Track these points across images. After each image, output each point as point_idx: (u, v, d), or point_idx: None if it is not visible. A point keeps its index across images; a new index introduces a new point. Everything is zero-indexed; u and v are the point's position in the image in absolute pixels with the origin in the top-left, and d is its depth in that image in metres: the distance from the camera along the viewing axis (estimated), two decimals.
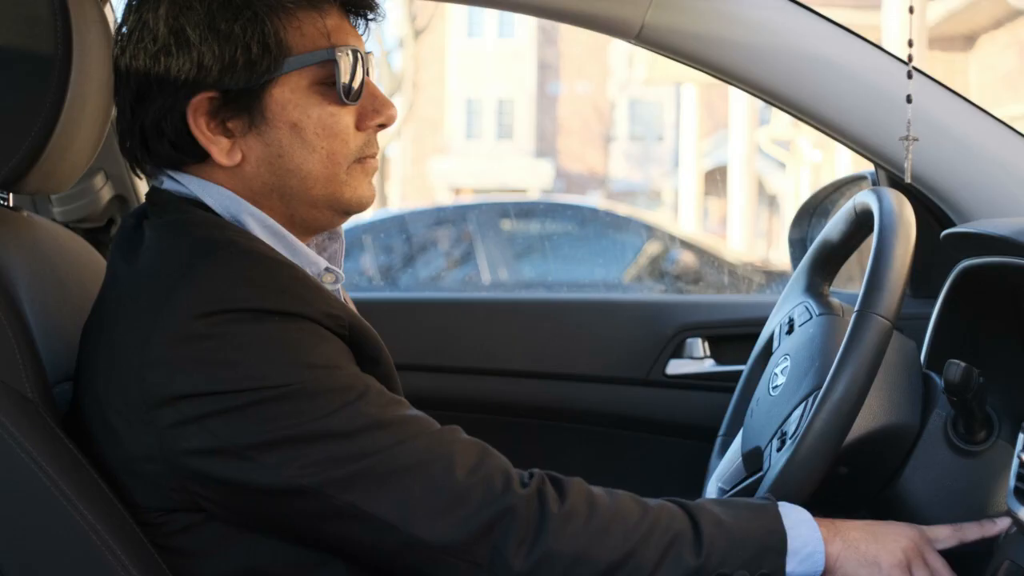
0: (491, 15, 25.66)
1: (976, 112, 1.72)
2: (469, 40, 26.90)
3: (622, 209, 12.63)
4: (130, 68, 1.22)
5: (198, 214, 1.23)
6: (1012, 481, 1.24)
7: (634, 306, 2.24)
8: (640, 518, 1.18)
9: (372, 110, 1.27)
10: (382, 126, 1.29)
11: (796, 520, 1.23)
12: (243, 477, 1.11)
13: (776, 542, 1.20)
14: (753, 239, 13.45)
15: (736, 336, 2.12)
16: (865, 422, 1.38)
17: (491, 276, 6.57)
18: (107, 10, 1.78)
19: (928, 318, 1.62)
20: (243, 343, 1.11)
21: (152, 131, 1.22)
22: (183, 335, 1.11)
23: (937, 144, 1.69)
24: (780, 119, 11.72)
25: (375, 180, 1.33)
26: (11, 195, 1.42)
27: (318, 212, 1.27)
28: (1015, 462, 1.25)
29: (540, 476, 1.20)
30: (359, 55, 1.25)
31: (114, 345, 1.16)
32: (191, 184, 1.24)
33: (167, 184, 1.26)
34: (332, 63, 1.23)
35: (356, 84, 1.24)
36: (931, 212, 1.74)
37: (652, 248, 7.25)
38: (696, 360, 2.12)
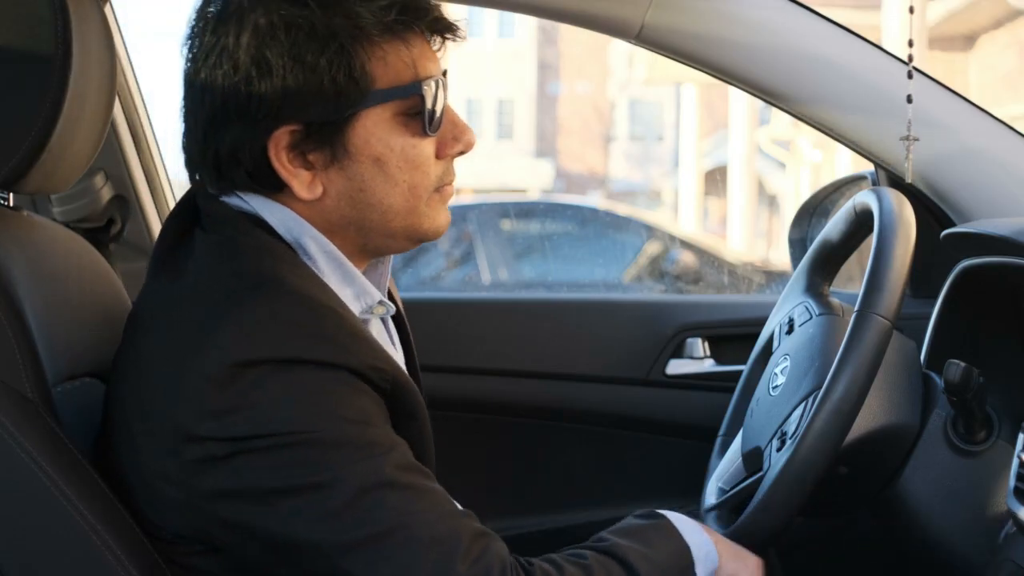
0: (491, 15, 25.65)
1: (976, 112, 1.72)
2: (469, 40, 26.84)
3: (622, 209, 12.65)
4: (206, 89, 1.18)
5: (256, 235, 1.19)
6: (1012, 481, 1.25)
7: (634, 306, 2.24)
8: None
9: (452, 138, 1.24)
10: (461, 153, 1.26)
11: (688, 529, 1.26)
12: (257, 522, 1.10)
13: (687, 558, 1.24)
14: (753, 239, 13.45)
15: (736, 336, 2.12)
16: (865, 422, 1.38)
17: (491, 276, 6.57)
18: (107, 10, 1.77)
19: (928, 318, 1.62)
20: (280, 392, 1.09)
21: (228, 158, 1.18)
22: (221, 379, 1.08)
23: (937, 144, 1.69)
24: (780, 119, 11.72)
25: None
26: (11, 195, 1.42)
27: (392, 241, 1.25)
28: (1015, 462, 1.26)
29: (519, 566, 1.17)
30: (440, 83, 1.22)
31: (146, 362, 1.15)
32: (254, 201, 1.21)
33: (227, 197, 1.22)
34: (418, 96, 1.19)
35: (438, 113, 1.22)
36: (931, 212, 1.74)
37: (652, 248, 7.25)
38: (696, 360, 2.12)
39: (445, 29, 1.25)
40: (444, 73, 1.24)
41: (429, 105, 1.20)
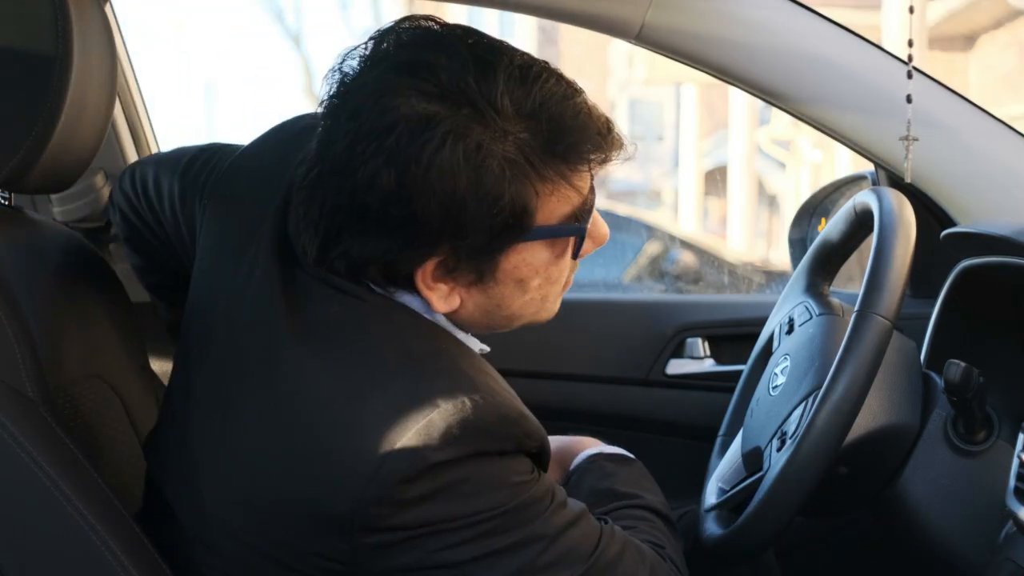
0: (491, 15, 25.65)
1: (976, 112, 1.72)
2: None
3: (622, 209, 12.63)
4: (366, 186, 1.08)
5: (402, 310, 1.16)
6: (1012, 481, 1.25)
7: (634, 306, 2.24)
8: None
9: (590, 240, 1.21)
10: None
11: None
12: None
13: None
14: (753, 239, 13.44)
15: (736, 336, 2.12)
16: (865, 422, 1.38)
17: None
18: (107, 10, 1.78)
19: (928, 318, 1.62)
20: (472, 485, 1.09)
21: (367, 260, 1.13)
22: (412, 476, 1.07)
23: (937, 144, 1.69)
24: (780, 119, 11.72)
25: None
26: (11, 195, 1.42)
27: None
28: (1015, 462, 1.26)
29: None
30: (594, 204, 1.19)
31: (284, 420, 1.11)
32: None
33: None
34: (577, 235, 1.17)
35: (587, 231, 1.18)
36: (931, 212, 1.74)
37: (652, 248, 7.24)
38: (696, 360, 2.12)
39: (615, 159, 1.18)
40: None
41: (583, 235, 1.17)
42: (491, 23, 27.35)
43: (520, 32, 27.05)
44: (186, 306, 1.29)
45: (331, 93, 1.13)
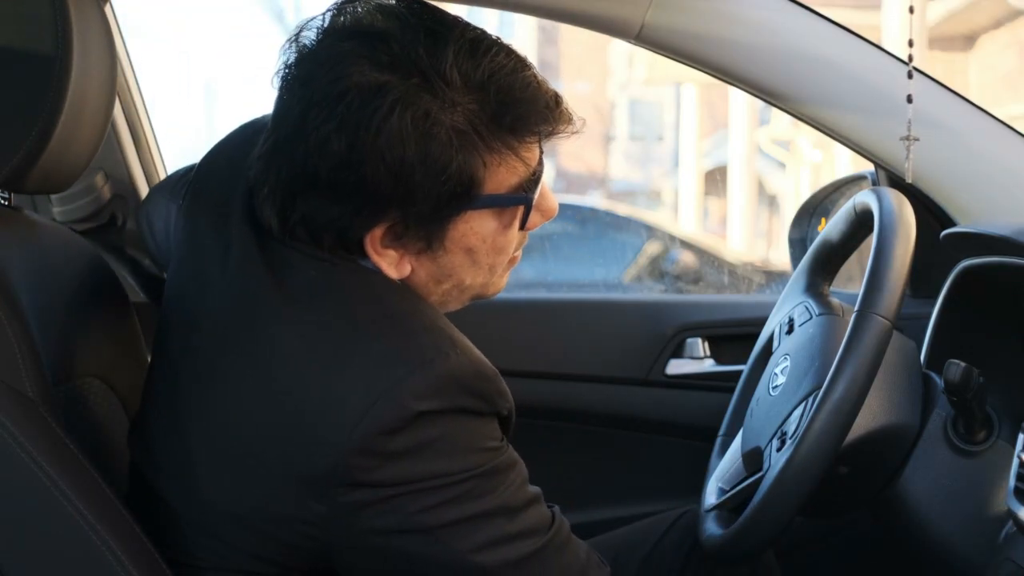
0: (491, 15, 25.63)
1: (976, 112, 1.72)
2: None
3: (622, 209, 12.64)
4: (316, 154, 1.12)
5: (376, 273, 1.18)
6: (1012, 481, 1.25)
7: (634, 306, 2.24)
8: None
9: (538, 214, 1.23)
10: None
11: None
12: (426, 551, 1.11)
13: None
14: (753, 239, 13.44)
15: (736, 336, 2.12)
16: (865, 422, 1.38)
17: None
18: (107, 10, 1.78)
19: (928, 318, 1.62)
20: (450, 443, 1.10)
21: (318, 227, 1.16)
22: (395, 428, 1.08)
23: (937, 144, 1.69)
24: (780, 119, 11.72)
25: None
26: (11, 195, 1.42)
27: (456, 304, 1.27)
28: (1015, 462, 1.26)
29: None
30: (542, 177, 1.21)
31: (273, 394, 1.13)
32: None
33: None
34: (524, 203, 1.20)
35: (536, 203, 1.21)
36: (931, 212, 1.74)
37: (652, 248, 7.24)
38: (696, 360, 2.12)
39: (565, 133, 1.22)
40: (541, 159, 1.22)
41: (531, 204, 1.20)
42: (491, 23, 27.28)
43: (520, 32, 27.05)
44: (164, 298, 1.30)
45: (287, 63, 1.16)
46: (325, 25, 1.16)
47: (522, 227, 1.22)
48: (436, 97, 1.11)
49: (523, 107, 1.15)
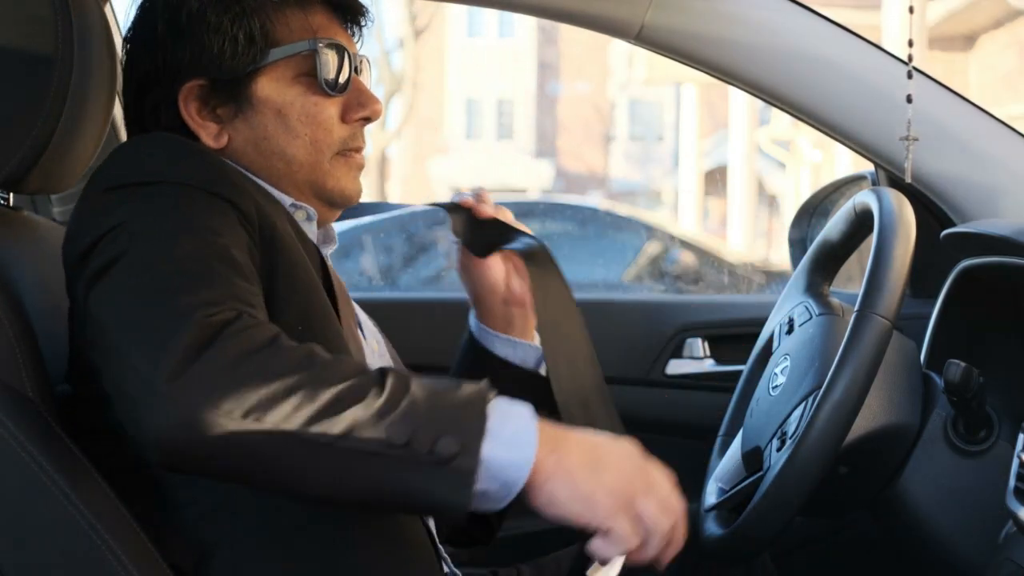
0: (491, 15, 25.64)
1: (976, 112, 1.72)
2: (469, 40, 26.90)
3: (622, 209, 12.65)
4: (133, 65, 1.31)
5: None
6: (1012, 481, 1.25)
7: (634, 306, 2.24)
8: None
9: (357, 104, 1.32)
10: (367, 120, 1.34)
11: (510, 410, 1.04)
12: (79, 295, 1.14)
13: (473, 413, 1.02)
14: (753, 239, 13.45)
15: (736, 336, 2.12)
16: (865, 422, 1.38)
17: None
18: (107, 10, 1.77)
19: (928, 318, 1.62)
20: (140, 201, 1.15)
21: (150, 120, 1.30)
22: (97, 203, 1.17)
23: (937, 144, 1.69)
24: (780, 119, 11.72)
25: (374, 179, 1.33)
26: (11, 195, 1.42)
27: (305, 199, 1.31)
28: (1015, 462, 1.26)
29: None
30: (344, 51, 1.31)
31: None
32: None
33: None
34: (314, 55, 1.29)
35: (341, 79, 1.30)
36: (931, 212, 1.74)
37: (652, 248, 7.25)
38: (696, 360, 2.12)
39: (344, 5, 1.35)
40: (358, 54, 1.35)
41: (327, 67, 1.29)
42: (491, 23, 27.35)
43: (520, 32, 27.06)
44: None
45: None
46: None
47: (326, 88, 1.29)
48: None
49: None
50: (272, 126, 1.29)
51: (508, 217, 1.42)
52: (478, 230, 1.40)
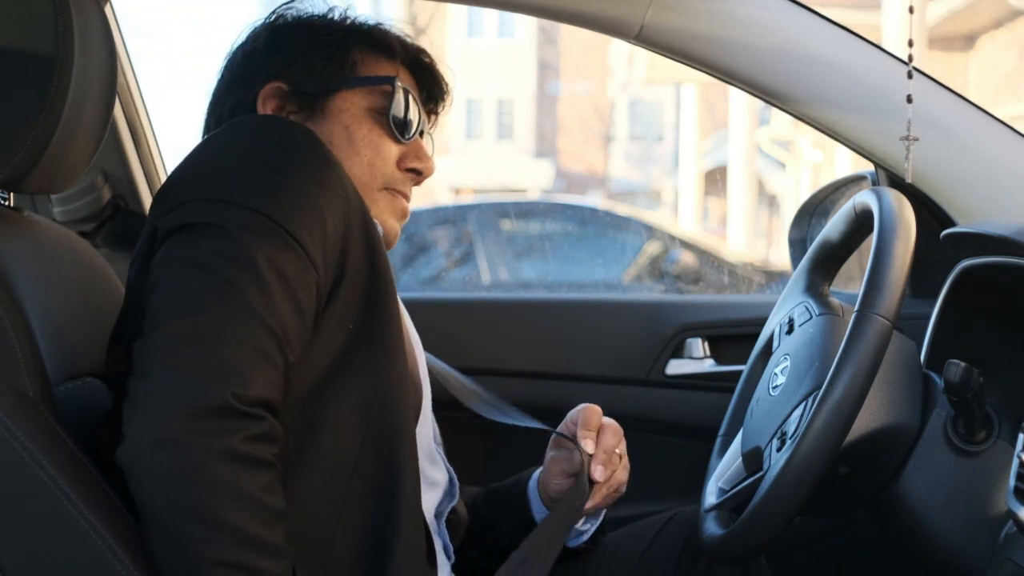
0: (491, 15, 25.64)
1: (976, 112, 1.72)
2: (469, 40, 26.90)
3: (622, 209, 12.63)
4: (230, 69, 1.43)
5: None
6: (1012, 481, 1.25)
7: (634, 306, 2.24)
8: None
9: (415, 156, 1.43)
10: (418, 174, 1.43)
11: None
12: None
13: None
14: (753, 239, 13.45)
15: (736, 336, 2.12)
16: (865, 422, 1.38)
17: (491, 276, 6.56)
18: (107, 10, 1.78)
19: (928, 318, 1.62)
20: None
21: (227, 117, 1.40)
22: None
23: (937, 144, 1.69)
24: (780, 119, 11.73)
25: None
26: (11, 195, 1.42)
27: None
28: (1015, 462, 1.26)
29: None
30: (418, 105, 1.44)
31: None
32: None
33: None
34: (391, 92, 1.40)
35: (408, 127, 1.42)
36: (931, 212, 1.74)
37: (652, 248, 7.25)
38: (696, 360, 2.12)
39: (430, 83, 1.48)
40: (431, 116, 1.50)
41: (398, 107, 1.40)
42: (491, 23, 27.33)
43: (520, 32, 27.04)
44: None
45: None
46: None
47: (393, 128, 1.39)
48: None
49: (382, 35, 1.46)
50: (338, 137, 1.38)
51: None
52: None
